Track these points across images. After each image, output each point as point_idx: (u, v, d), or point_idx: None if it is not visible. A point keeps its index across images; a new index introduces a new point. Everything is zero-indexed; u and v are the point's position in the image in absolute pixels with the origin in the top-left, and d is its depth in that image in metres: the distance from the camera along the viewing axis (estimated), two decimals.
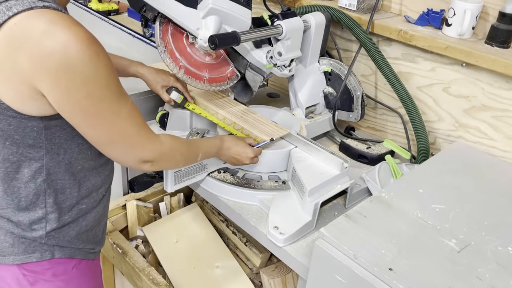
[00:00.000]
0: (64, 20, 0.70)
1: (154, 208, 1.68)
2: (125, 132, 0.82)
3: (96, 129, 0.80)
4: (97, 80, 0.74)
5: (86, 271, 0.99)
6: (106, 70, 0.75)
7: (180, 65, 1.21)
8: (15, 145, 0.81)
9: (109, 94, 0.77)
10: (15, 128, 0.79)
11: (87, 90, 0.74)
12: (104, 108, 0.77)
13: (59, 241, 0.91)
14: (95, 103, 0.76)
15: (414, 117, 1.33)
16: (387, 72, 1.34)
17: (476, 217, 0.95)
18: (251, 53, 1.27)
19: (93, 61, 0.72)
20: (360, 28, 1.37)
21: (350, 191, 1.15)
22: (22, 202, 0.86)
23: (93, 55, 0.72)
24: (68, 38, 0.69)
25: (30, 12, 0.70)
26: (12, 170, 0.84)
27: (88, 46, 0.72)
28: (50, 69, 0.70)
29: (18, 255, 0.88)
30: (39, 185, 0.86)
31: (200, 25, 1.15)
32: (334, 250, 0.85)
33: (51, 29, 0.69)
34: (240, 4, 1.18)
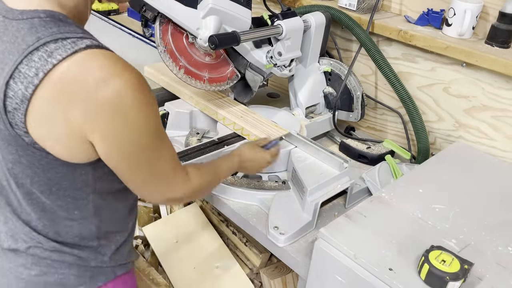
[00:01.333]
0: (115, 63, 0.66)
1: (154, 208, 1.68)
2: (163, 175, 0.81)
3: (137, 174, 0.78)
4: (147, 127, 0.72)
5: (134, 278, 1.02)
6: (155, 115, 0.73)
7: (180, 65, 1.21)
8: (62, 190, 0.78)
9: (154, 139, 0.75)
10: (63, 175, 0.75)
11: (137, 138, 0.72)
12: (149, 154, 0.75)
13: (118, 261, 0.93)
14: (142, 150, 0.74)
15: (414, 117, 1.33)
16: (387, 72, 1.34)
17: (476, 217, 0.95)
18: (251, 53, 1.27)
19: (144, 108, 0.70)
20: (360, 28, 1.37)
21: (350, 191, 1.15)
22: (78, 237, 0.85)
23: (144, 102, 0.69)
24: (121, 87, 0.65)
25: (76, 58, 0.64)
26: (61, 213, 0.82)
27: (141, 92, 0.69)
28: (103, 118, 0.67)
29: (85, 284, 0.88)
30: (89, 220, 0.85)
31: (200, 25, 1.15)
32: (334, 250, 0.85)
33: (104, 77, 0.64)
34: (240, 4, 1.18)
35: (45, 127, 0.68)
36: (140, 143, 0.73)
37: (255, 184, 1.16)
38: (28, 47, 0.64)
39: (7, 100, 0.65)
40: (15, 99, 0.65)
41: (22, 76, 0.64)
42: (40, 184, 0.76)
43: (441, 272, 0.75)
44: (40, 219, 0.82)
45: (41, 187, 0.77)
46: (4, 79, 0.65)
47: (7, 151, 0.73)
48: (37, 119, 0.66)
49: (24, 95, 0.64)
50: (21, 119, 0.66)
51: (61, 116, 0.66)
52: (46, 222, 0.82)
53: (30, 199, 0.79)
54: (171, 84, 1.44)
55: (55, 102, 0.65)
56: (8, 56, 0.65)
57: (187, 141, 1.29)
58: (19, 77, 0.64)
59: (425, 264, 0.76)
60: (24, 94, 0.64)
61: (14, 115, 0.66)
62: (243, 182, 1.16)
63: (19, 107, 0.65)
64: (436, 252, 0.78)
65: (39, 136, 0.69)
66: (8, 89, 0.65)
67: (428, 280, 0.76)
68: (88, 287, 0.88)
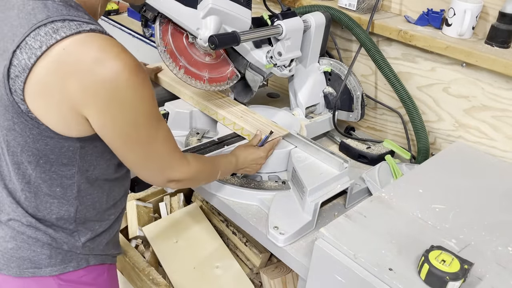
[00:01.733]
0: (113, 46, 0.72)
1: (154, 208, 1.68)
2: (160, 155, 0.85)
3: (134, 152, 0.82)
4: (142, 107, 0.76)
5: (113, 274, 1.02)
6: (150, 97, 0.77)
7: (180, 65, 1.21)
8: (48, 164, 0.81)
9: (150, 119, 0.79)
10: (51, 148, 0.79)
11: (132, 117, 0.76)
12: (144, 133, 0.80)
13: (93, 250, 0.94)
14: (137, 129, 0.78)
15: (414, 117, 1.33)
16: (387, 72, 1.35)
17: (476, 217, 0.95)
18: (251, 53, 1.27)
19: (140, 88, 0.74)
20: (360, 28, 1.37)
21: (350, 191, 1.15)
22: (55, 216, 0.87)
23: (140, 83, 0.74)
24: (118, 67, 0.70)
25: (79, 37, 0.70)
26: (45, 188, 0.84)
27: (137, 74, 0.73)
28: (99, 96, 0.71)
29: (55, 266, 0.89)
30: (71, 201, 0.87)
31: (200, 25, 1.15)
32: (334, 250, 0.85)
33: (102, 57, 0.70)
34: (240, 4, 1.18)
35: (42, 96, 0.72)
36: (135, 122, 0.77)
37: (255, 184, 1.16)
38: (38, 23, 0.69)
39: (11, 68, 0.71)
40: (18, 67, 0.71)
41: (28, 48, 0.69)
42: (29, 154, 0.79)
43: (441, 272, 0.75)
44: (23, 191, 0.84)
45: (29, 157, 0.80)
46: (13, 48, 0.70)
47: (4, 118, 0.77)
48: (35, 88, 0.71)
49: (26, 64, 0.70)
50: (20, 86, 0.71)
51: (59, 87, 0.71)
52: (29, 194, 0.84)
53: (18, 168, 0.82)
54: (171, 84, 1.44)
55: (54, 74, 0.70)
56: (19, 29, 0.71)
57: (187, 141, 1.29)
58: (25, 48, 0.70)
59: (425, 264, 0.77)
60: (26, 64, 0.70)
61: (15, 82, 0.71)
62: (243, 182, 1.16)
63: (21, 75, 0.71)
64: (436, 252, 0.78)
65: (34, 104, 0.73)
66: (14, 57, 0.70)
67: (428, 280, 0.76)
68: (58, 270, 0.89)
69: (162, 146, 0.84)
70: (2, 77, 0.72)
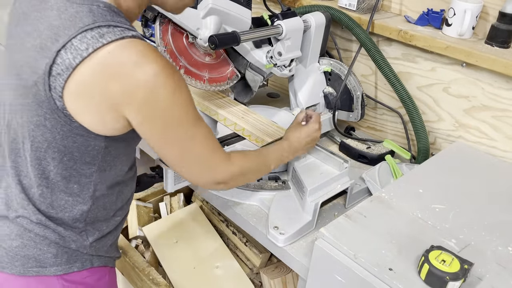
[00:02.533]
0: (151, 52, 0.77)
1: (154, 208, 1.68)
2: (198, 154, 0.87)
3: (171, 151, 0.85)
4: (177, 108, 0.80)
5: (113, 278, 1.03)
6: (186, 98, 0.81)
7: (180, 65, 1.21)
8: (72, 161, 0.83)
9: (186, 119, 0.82)
10: (78, 145, 0.81)
11: (169, 117, 0.80)
12: (182, 133, 0.83)
13: (98, 251, 0.94)
14: (174, 128, 0.82)
15: (414, 117, 1.33)
16: (387, 72, 1.34)
17: (476, 217, 0.95)
18: (251, 53, 1.27)
19: (176, 90, 0.79)
20: (360, 28, 1.37)
21: (350, 191, 1.15)
22: (68, 214, 0.88)
23: (176, 85, 0.78)
24: (156, 70, 0.75)
25: (122, 42, 0.74)
26: (62, 184, 0.86)
27: (173, 77, 0.78)
28: (138, 96, 0.76)
29: (60, 265, 0.90)
30: (86, 200, 0.88)
31: (200, 25, 1.15)
32: (334, 250, 0.85)
33: (142, 61, 0.75)
34: (240, 4, 1.18)
35: (83, 95, 0.76)
36: (171, 121, 0.81)
37: (255, 184, 1.16)
38: (84, 26, 0.74)
39: (54, 66, 0.74)
40: (61, 66, 0.74)
41: (73, 48, 0.73)
42: (54, 150, 0.82)
43: (441, 272, 0.75)
44: (40, 186, 0.85)
45: (54, 153, 0.82)
46: (57, 48, 0.74)
47: (35, 113, 0.79)
48: (77, 87, 0.75)
49: (70, 63, 0.73)
50: (61, 83, 0.75)
51: (101, 87, 0.75)
52: (46, 190, 0.86)
53: (39, 164, 0.83)
54: None
55: (98, 75, 0.74)
56: (64, 30, 0.74)
57: None
58: (70, 48, 0.73)
59: (425, 264, 0.77)
60: (71, 63, 0.73)
61: (56, 79, 0.75)
62: None
63: (63, 73, 0.74)
64: (436, 252, 0.78)
65: (72, 102, 0.76)
66: (58, 57, 0.74)
67: (428, 280, 0.76)
68: (63, 269, 0.90)
69: (201, 146, 0.86)
70: (42, 73, 0.75)
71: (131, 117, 0.78)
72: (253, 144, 1.22)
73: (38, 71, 0.75)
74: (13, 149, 0.86)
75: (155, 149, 0.85)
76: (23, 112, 0.81)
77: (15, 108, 0.83)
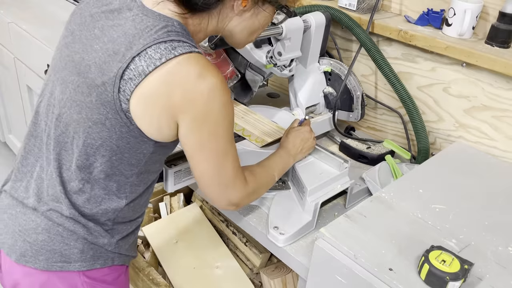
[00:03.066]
0: (213, 67, 0.83)
1: (154, 208, 1.68)
2: (228, 171, 0.90)
3: (207, 162, 0.88)
4: (225, 121, 0.85)
5: (128, 276, 1.05)
6: (232, 114, 0.87)
7: None
8: (119, 161, 0.87)
9: (227, 135, 0.87)
10: (130, 147, 0.86)
11: (216, 127, 0.85)
12: (221, 145, 0.87)
13: (121, 249, 0.96)
14: (216, 139, 0.86)
15: (414, 117, 1.33)
16: (387, 72, 1.34)
17: (476, 217, 0.95)
18: (251, 53, 1.27)
19: (227, 105, 0.85)
20: (360, 28, 1.37)
21: (350, 191, 1.15)
22: (101, 211, 0.91)
23: (228, 100, 0.85)
24: (215, 82, 0.81)
25: (190, 56, 0.80)
26: (103, 181, 0.89)
27: (227, 92, 0.85)
28: (196, 104, 0.81)
29: (85, 261, 0.91)
30: (121, 199, 0.91)
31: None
32: (334, 250, 0.85)
33: (205, 74, 0.81)
34: None
35: (148, 100, 0.81)
36: (216, 132, 0.85)
37: None
38: (159, 38, 0.80)
39: (127, 71, 0.79)
40: (134, 71, 0.79)
41: (147, 57, 0.79)
42: (107, 149, 0.85)
43: (441, 272, 0.75)
44: (82, 181, 0.88)
45: (105, 151, 0.85)
46: (131, 55, 0.79)
47: (96, 111, 0.83)
48: (145, 92, 0.80)
49: (143, 70, 0.79)
50: (131, 88, 0.79)
51: (166, 94, 0.80)
52: (87, 185, 0.89)
53: (87, 159, 0.87)
54: None
55: (166, 83, 0.79)
56: (139, 39, 0.80)
57: None
58: (144, 56, 0.79)
59: (425, 264, 0.77)
60: (144, 70, 0.79)
61: (127, 83, 0.79)
62: None
63: (135, 78, 0.79)
64: (436, 252, 0.78)
65: (136, 106, 0.81)
66: (132, 62, 0.79)
67: (428, 280, 0.76)
68: (87, 265, 0.91)
69: (232, 164, 0.90)
70: (113, 76, 0.80)
71: (184, 124, 0.83)
72: (253, 144, 1.22)
73: (109, 73, 0.80)
74: (60, 142, 0.88)
75: (192, 158, 0.88)
76: (82, 109, 0.84)
77: (73, 103, 0.86)
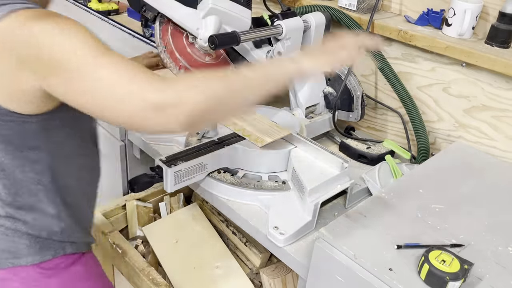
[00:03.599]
0: (39, 12, 0.73)
1: (154, 208, 1.68)
2: (109, 86, 0.71)
3: (80, 95, 0.73)
4: (62, 46, 0.71)
5: (90, 262, 1.03)
6: (70, 34, 0.72)
7: (180, 65, 1.21)
8: (16, 149, 0.83)
9: (82, 55, 0.71)
10: (15, 132, 0.81)
11: (59, 57, 0.71)
12: (82, 70, 0.71)
13: (70, 237, 0.95)
14: (70, 70, 0.71)
15: (414, 117, 1.33)
16: (387, 72, 1.35)
17: (476, 217, 0.95)
18: (251, 53, 1.27)
19: (55, 30, 0.71)
20: (360, 28, 1.37)
21: (350, 191, 1.15)
22: (34, 202, 0.89)
23: (55, 26, 0.72)
24: (41, 26, 0.71)
25: (16, 13, 0.72)
26: (19, 174, 0.86)
27: (52, 18, 0.73)
28: (24, 54, 0.72)
29: (34, 255, 0.91)
30: (47, 186, 0.89)
31: (200, 25, 1.15)
32: (334, 250, 0.85)
33: (24, 22, 0.72)
34: (240, 4, 1.18)
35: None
36: (61, 60, 0.71)
37: (255, 184, 1.16)
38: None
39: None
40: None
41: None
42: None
43: (441, 272, 0.75)
44: (2, 179, 0.86)
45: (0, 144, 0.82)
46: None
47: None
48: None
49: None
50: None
51: (2, 63, 0.73)
52: (7, 182, 0.86)
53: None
54: None
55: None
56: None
57: (187, 141, 1.29)
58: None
59: (425, 264, 0.77)
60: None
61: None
62: (243, 182, 1.16)
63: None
64: (436, 252, 0.78)
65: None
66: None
67: (428, 280, 0.76)
68: (37, 258, 0.91)
69: (110, 77, 0.71)
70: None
71: (30, 79, 0.73)
72: (253, 144, 1.22)
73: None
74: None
75: (70, 102, 0.75)
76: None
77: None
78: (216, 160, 1.19)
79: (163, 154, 1.14)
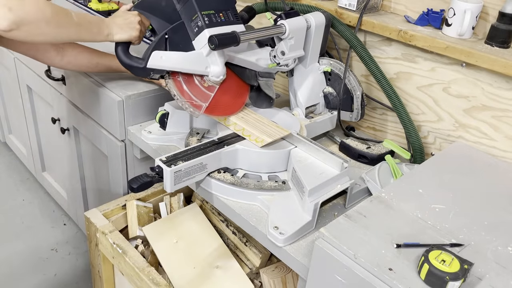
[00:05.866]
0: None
1: (154, 208, 1.68)
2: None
3: None
4: None
5: None
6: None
7: (201, 106, 1.23)
8: None
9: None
10: None
11: None
12: None
13: None
14: None
15: (400, 111, 1.35)
16: (373, 69, 1.36)
17: (476, 217, 0.95)
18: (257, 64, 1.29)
19: None
20: (344, 26, 1.40)
21: (350, 191, 1.15)
22: None
23: None
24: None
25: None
26: None
27: None
28: None
29: None
30: None
31: (207, 63, 1.18)
32: (334, 250, 0.85)
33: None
34: (231, 24, 1.21)
35: None
36: None
37: (255, 184, 1.16)
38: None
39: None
40: None
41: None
42: None
43: (441, 272, 0.75)
44: None
45: None
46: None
47: None
48: None
49: None
50: None
51: None
52: None
53: None
54: None
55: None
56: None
57: (187, 141, 1.29)
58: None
59: (425, 264, 0.77)
60: None
61: None
62: (243, 182, 1.16)
63: None
64: (436, 252, 0.78)
65: None
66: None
67: (428, 280, 0.76)
68: None
69: None
70: None
71: None
72: (253, 144, 1.22)
73: None
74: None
75: None
76: None
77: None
78: (216, 160, 1.19)
79: (163, 154, 1.14)
